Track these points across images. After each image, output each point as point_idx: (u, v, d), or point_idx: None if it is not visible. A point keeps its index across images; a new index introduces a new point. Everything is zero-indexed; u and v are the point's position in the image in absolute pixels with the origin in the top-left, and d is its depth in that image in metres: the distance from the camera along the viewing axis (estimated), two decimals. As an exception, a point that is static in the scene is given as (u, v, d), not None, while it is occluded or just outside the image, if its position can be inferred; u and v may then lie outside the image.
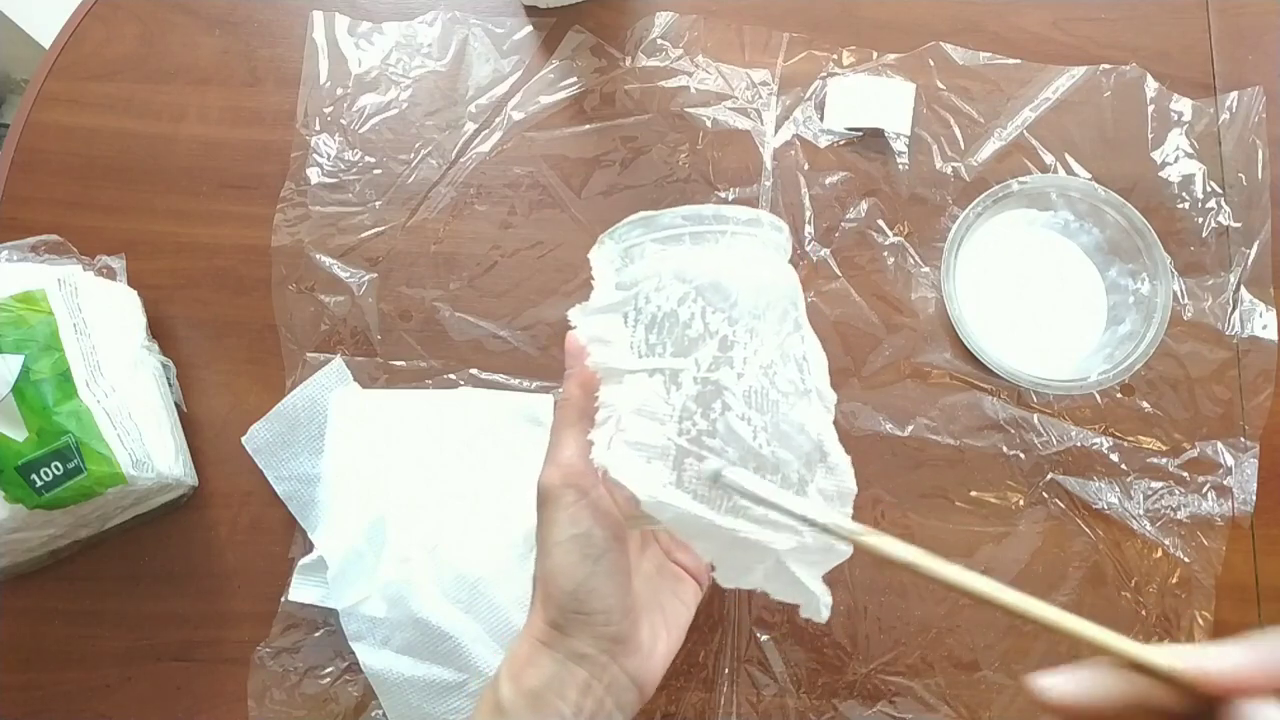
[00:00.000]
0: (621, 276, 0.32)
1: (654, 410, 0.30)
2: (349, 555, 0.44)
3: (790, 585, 0.32)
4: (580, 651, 0.32)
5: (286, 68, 0.53)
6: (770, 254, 0.34)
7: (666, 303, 0.31)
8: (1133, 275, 0.48)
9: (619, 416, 0.31)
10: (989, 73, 0.53)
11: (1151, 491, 0.47)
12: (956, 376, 0.49)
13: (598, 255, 0.34)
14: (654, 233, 0.32)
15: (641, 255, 0.32)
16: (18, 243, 0.47)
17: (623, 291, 0.32)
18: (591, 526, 0.32)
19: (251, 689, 0.45)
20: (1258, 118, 0.51)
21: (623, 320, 0.32)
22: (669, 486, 0.30)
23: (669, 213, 0.32)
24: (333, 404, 0.47)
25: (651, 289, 0.31)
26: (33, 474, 0.39)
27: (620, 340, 0.32)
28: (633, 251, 0.33)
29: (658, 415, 0.30)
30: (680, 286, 0.31)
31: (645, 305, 0.31)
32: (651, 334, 0.31)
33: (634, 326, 0.32)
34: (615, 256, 0.33)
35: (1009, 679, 0.45)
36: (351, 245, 0.51)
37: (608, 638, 0.32)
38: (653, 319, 0.31)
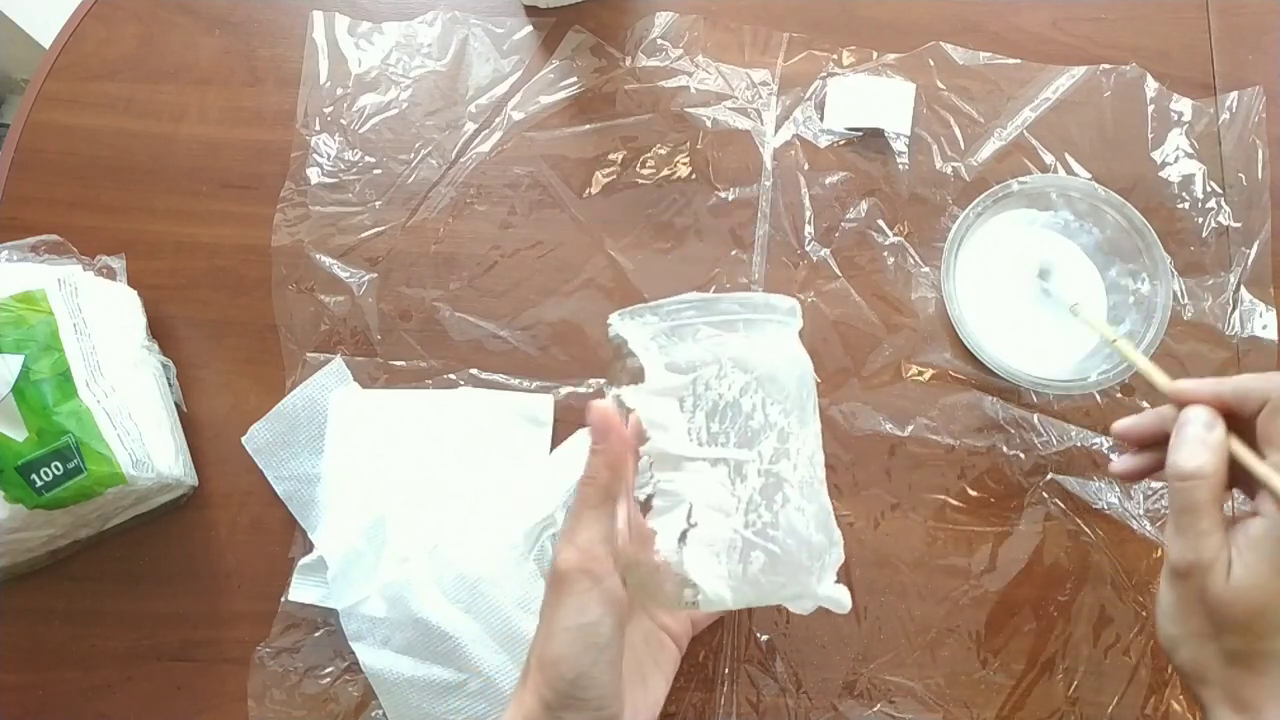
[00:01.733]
0: (673, 357, 0.32)
1: (721, 502, 0.31)
2: (349, 555, 0.44)
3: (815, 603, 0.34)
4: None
5: (286, 68, 0.53)
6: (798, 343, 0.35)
7: (729, 391, 0.32)
8: (1133, 275, 0.48)
9: (688, 508, 0.31)
10: (989, 73, 0.53)
11: (1151, 491, 0.47)
12: (956, 376, 0.49)
13: (637, 329, 0.33)
14: (709, 316, 0.32)
15: (694, 337, 0.32)
16: (18, 243, 0.47)
17: (678, 375, 0.32)
18: (601, 616, 0.31)
19: (251, 689, 0.45)
20: (1258, 118, 0.51)
21: (678, 405, 0.32)
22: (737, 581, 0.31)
23: (725, 298, 0.33)
24: (333, 404, 0.47)
25: (713, 376, 0.31)
26: (33, 474, 0.39)
27: (677, 425, 0.31)
28: (683, 331, 0.32)
29: (724, 507, 0.31)
30: (742, 376, 0.32)
31: (705, 392, 0.31)
32: (713, 422, 0.31)
33: (693, 412, 0.31)
34: (659, 333, 0.33)
35: (1009, 679, 0.45)
36: (351, 245, 0.51)
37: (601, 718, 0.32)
38: (714, 406, 0.31)
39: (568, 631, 0.31)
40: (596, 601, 0.31)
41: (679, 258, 0.51)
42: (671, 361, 0.32)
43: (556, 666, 0.31)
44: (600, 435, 0.32)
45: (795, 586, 0.32)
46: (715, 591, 0.31)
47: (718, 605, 0.31)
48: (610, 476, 0.32)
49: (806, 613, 0.34)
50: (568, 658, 0.31)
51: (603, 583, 0.31)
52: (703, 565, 0.31)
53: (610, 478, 0.32)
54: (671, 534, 0.31)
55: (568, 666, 0.31)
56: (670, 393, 0.32)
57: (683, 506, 0.31)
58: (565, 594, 0.31)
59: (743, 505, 0.31)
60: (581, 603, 0.31)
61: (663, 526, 0.31)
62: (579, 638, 0.31)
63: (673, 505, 0.31)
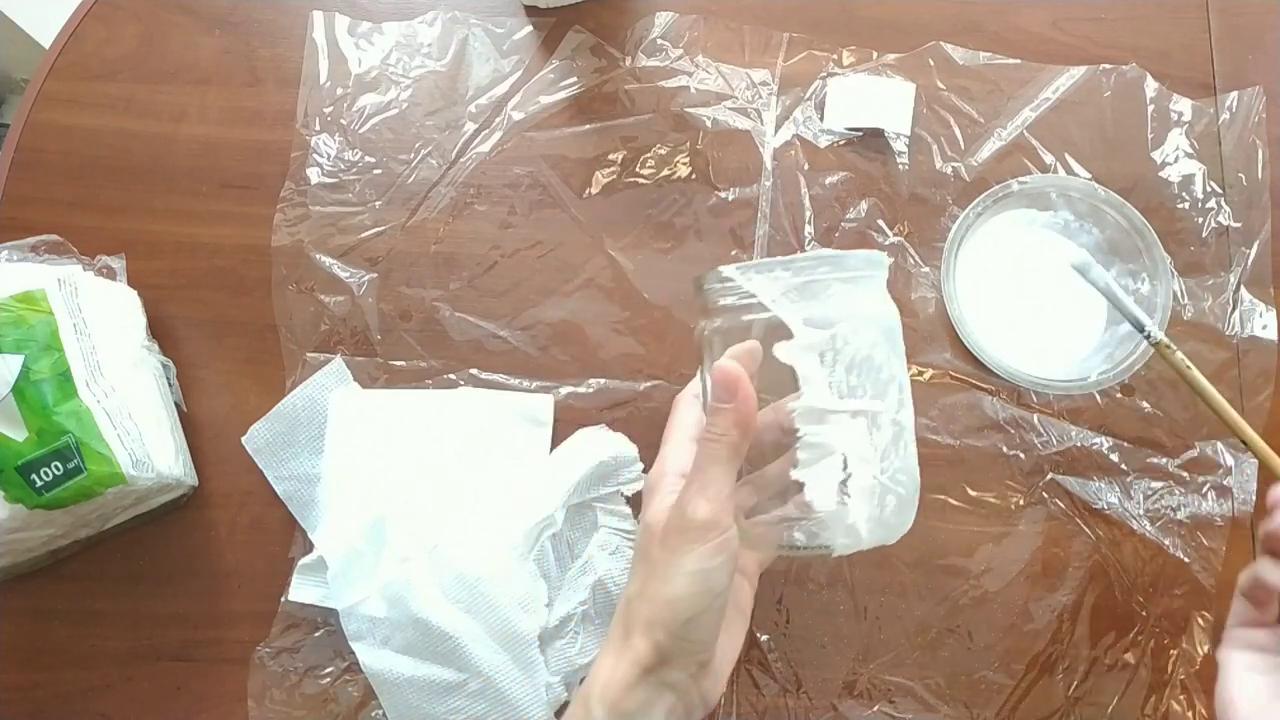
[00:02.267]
0: (810, 312, 0.33)
1: (864, 452, 0.32)
2: (349, 555, 0.44)
3: None
4: (673, 678, 0.34)
5: (286, 68, 0.53)
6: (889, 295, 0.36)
7: (864, 346, 0.32)
8: (1133, 275, 0.48)
9: (841, 458, 0.32)
10: (989, 73, 0.53)
11: (1151, 491, 0.47)
12: (956, 376, 0.49)
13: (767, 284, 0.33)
14: (840, 272, 0.33)
15: (826, 293, 0.33)
16: (18, 243, 0.47)
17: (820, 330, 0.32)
18: (723, 563, 0.33)
19: (251, 689, 0.45)
20: (1258, 118, 0.51)
21: (818, 359, 0.32)
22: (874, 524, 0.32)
23: (849, 255, 0.33)
24: (333, 404, 0.47)
25: (850, 331, 0.32)
26: (33, 474, 0.39)
27: (820, 379, 0.32)
28: (813, 287, 0.33)
29: (867, 456, 0.32)
30: (873, 330, 0.33)
31: (844, 346, 0.32)
32: (852, 375, 0.32)
33: (833, 366, 0.32)
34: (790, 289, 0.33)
35: (1009, 679, 0.45)
36: (351, 245, 0.51)
37: (699, 664, 0.34)
38: (852, 361, 0.32)
39: (691, 575, 0.32)
40: (720, 549, 0.32)
41: (679, 258, 0.51)
42: (809, 317, 0.32)
43: (673, 606, 0.33)
44: (729, 394, 0.32)
45: (908, 524, 0.34)
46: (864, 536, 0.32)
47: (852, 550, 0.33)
48: (740, 435, 0.33)
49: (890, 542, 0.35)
50: (686, 598, 0.33)
51: (728, 533, 0.33)
52: (860, 513, 0.32)
53: (740, 435, 0.33)
54: (828, 485, 0.32)
55: (685, 607, 0.33)
56: (813, 348, 0.32)
57: (834, 458, 0.32)
58: (695, 541, 0.33)
59: (878, 453, 0.32)
60: (710, 550, 0.32)
61: (813, 477, 0.32)
62: (700, 580, 0.32)
63: (821, 457, 0.32)
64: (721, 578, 0.33)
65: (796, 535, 0.33)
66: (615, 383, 0.49)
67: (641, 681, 0.33)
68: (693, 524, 0.33)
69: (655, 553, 0.34)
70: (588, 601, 0.45)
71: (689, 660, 0.34)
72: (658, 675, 0.34)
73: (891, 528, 0.33)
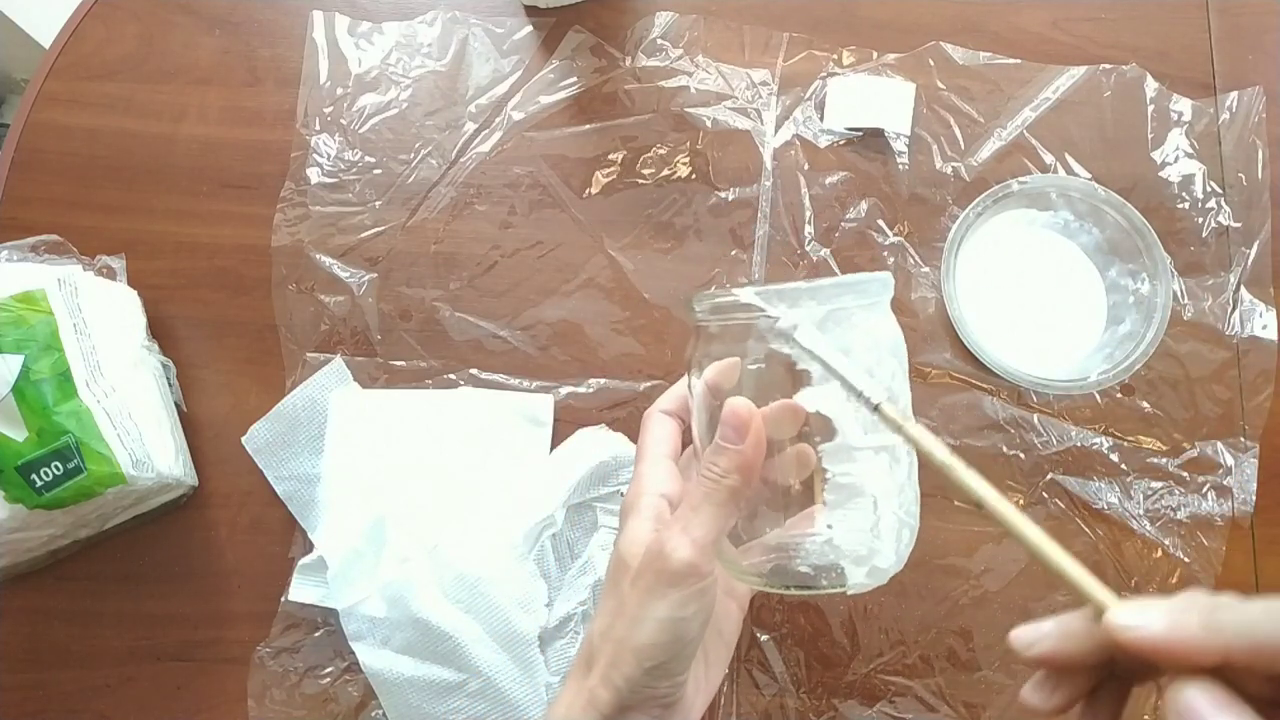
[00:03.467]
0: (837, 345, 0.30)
1: (888, 489, 0.31)
2: (349, 555, 0.44)
3: None
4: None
5: (286, 68, 0.53)
6: None
7: (886, 377, 0.31)
8: (1133, 275, 0.48)
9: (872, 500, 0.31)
10: (989, 73, 0.52)
11: (1151, 491, 0.47)
12: (956, 376, 0.49)
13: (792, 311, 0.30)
14: (863, 300, 0.31)
15: (848, 321, 0.31)
16: (18, 243, 0.47)
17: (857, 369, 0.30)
18: (696, 613, 0.31)
19: (251, 689, 0.45)
20: (1258, 118, 0.51)
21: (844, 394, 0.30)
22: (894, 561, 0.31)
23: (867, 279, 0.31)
24: (333, 404, 0.47)
25: (874, 363, 0.30)
26: (33, 474, 0.39)
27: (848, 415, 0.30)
28: (838, 315, 0.31)
29: (889, 493, 0.31)
30: (892, 361, 0.31)
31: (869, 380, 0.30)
32: None
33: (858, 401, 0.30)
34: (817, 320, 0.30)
35: (1009, 679, 0.45)
36: (351, 245, 0.51)
37: (663, 707, 0.32)
38: None
39: (660, 622, 0.30)
40: (696, 598, 0.30)
41: (679, 258, 0.51)
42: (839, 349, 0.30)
43: (638, 654, 0.30)
44: (738, 435, 0.30)
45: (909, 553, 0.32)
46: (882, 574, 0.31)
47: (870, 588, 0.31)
48: (741, 481, 0.30)
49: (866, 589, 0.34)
50: (653, 647, 0.30)
51: (705, 580, 0.31)
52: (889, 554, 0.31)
53: (741, 481, 0.30)
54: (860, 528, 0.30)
55: (649, 656, 0.30)
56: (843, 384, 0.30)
57: (865, 499, 0.30)
58: (669, 586, 0.30)
59: (898, 487, 0.31)
60: (684, 597, 0.30)
61: (842, 520, 0.30)
62: (670, 629, 0.30)
63: (850, 497, 0.30)
64: (694, 627, 0.31)
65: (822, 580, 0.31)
66: (615, 383, 0.49)
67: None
68: (670, 566, 0.30)
69: (625, 588, 0.32)
70: (588, 601, 0.45)
71: (652, 705, 0.31)
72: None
73: (903, 560, 0.32)
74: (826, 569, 0.31)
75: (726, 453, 0.30)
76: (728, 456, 0.30)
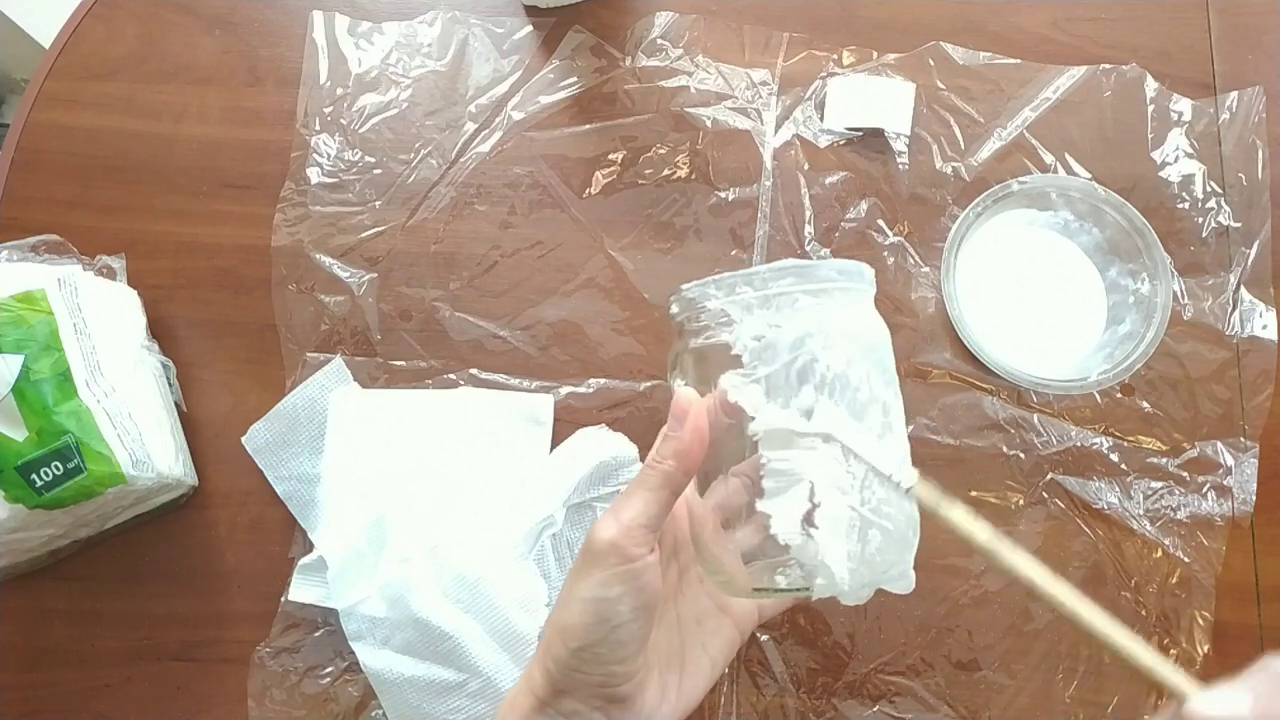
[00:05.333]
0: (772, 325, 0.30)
1: (838, 480, 0.29)
2: (349, 555, 0.44)
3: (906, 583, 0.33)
4: (572, 709, 0.31)
5: (286, 68, 0.53)
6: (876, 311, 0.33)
7: (836, 363, 0.29)
8: (1133, 275, 0.48)
9: (809, 487, 0.29)
10: (989, 73, 0.53)
11: (1151, 491, 0.47)
12: (956, 376, 0.49)
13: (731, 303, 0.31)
14: (809, 284, 0.30)
15: (792, 306, 0.30)
16: (18, 243, 0.47)
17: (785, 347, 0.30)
18: (622, 595, 0.30)
19: (251, 689, 0.45)
20: (1258, 117, 0.51)
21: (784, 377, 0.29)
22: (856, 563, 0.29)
23: (822, 265, 0.31)
24: (332, 404, 0.47)
25: (819, 347, 0.29)
26: (33, 474, 0.39)
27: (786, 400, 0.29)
28: (779, 300, 0.30)
29: (841, 485, 0.29)
30: (848, 346, 0.30)
31: (812, 364, 0.29)
32: (822, 395, 0.29)
33: (799, 385, 0.29)
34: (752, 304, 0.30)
35: (1009, 679, 0.45)
36: (351, 245, 0.51)
37: (604, 698, 0.31)
38: (823, 379, 0.29)
39: (583, 602, 0.31)
40: (621, 580, 0.30)
41: (679, 258, 0.51)
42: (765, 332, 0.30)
43: (564, 634, 0.31)
44: (678, 421, 0.30)
45: (900, 564, 0.31)
46: (839, 575, 0.29)
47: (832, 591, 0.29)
48: (677, 466, 0.31)
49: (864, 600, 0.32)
50: (577, 627, 0.31)
51: (633, 563, 0.30)
52: (832, 548, 0.29)
53: (677, 468, 0.31)
54: (793, 516, 0.29)
55: (574, 636, 0.31)
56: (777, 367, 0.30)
57: (802, 486, 0.29)
58: (592, 566, 0.31)
59: (858, 482, 0.29)
60: (606, 577, 0.30)
61: (779, 509, 0.29)
62: (593, 610, 0.30)
63: (789, 485, 0.29)
64: (620, 609, 0.30)
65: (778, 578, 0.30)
66: (615, 383, 0.49)
67: (539, 713, 0.32)
68: (594, 547, 0.31)
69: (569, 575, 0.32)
70: (588, 601, 0.45)
71: (587, 692, 0.31)
72: (554, 706, 0.31)
73: (877, 568, 0.30)
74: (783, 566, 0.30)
75: (667, 439, 0.31)
76: (667, 443, 0.31)
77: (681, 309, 0.32)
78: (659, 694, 0.33)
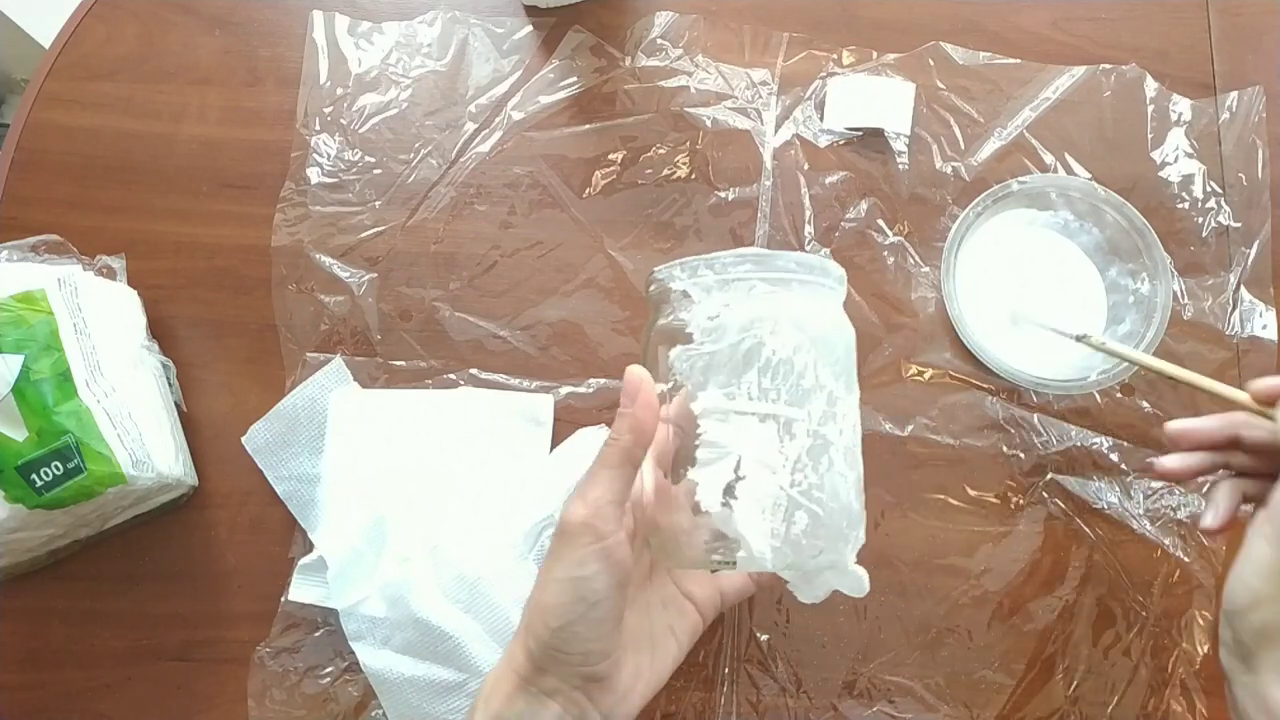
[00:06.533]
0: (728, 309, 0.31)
1: (768, 458, 0.30)
2: (349, 555, 0.44)
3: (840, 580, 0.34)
4: (553, 687, 0.32)
5: (286, 68, 0.53)
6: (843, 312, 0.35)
7: (783, 348, 0.31)
8: (1132, 275, 0.48)
9: (735, 460, 0.30)
10: (989, 72, 0.53)
11: (1151, 491, 0.47)
12: (956, 376, 0.49)
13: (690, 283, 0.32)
14: (764, 272, 0.31)
15: (748, 292, 0.31)
16: (18, 243, 0.47)
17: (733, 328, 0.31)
18: (596, 572, 0.31)
19: (251, 689, 0.45)
20: (1258, 117, 0.51)
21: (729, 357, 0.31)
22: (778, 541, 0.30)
23: (781, 255, 0.32)
24: (332, 404, 0.47)
25: (767, 331, 0.31)
26: (33, 474, 0.39)
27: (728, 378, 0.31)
28: (736, 285, 0.32)
29: (771, 464, 0.30)
30: (796, 334, 0.31)
31: (758, 346, 0.31)
32: (765, 378, 0.31)
33: (745, 366, 0.31)
34: (711, 286, 0.32)
35: (1009, 679, 0.45)
36: (351, 245, 0.51)
37: (583, 677, 0.32)
38: (767, 362, 0.31)
39: (560, 582, 0.31)
40: (595, 558, 0.31)
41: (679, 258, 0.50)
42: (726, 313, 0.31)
43: (543, 615, 0.32)
44: (629, 398, 0.32)
45: (832, 553, 0.31)
46: (758, 549, 0.30)
47: (754, 566, 0.30)
48: (633, 441, 0.32)
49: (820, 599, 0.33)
50: (555, 607, 0.31)
51: (605, 540, 0.31)
52: (749, 520, 0.30)
53: (632, 442, 0.32)
54: (716, 486, 0.30)
55: (553, 616, 0.31)
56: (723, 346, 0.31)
57: (729, 458, 0.30)
58: (566, 546, 0.32)
59: (789, 464, 0.30)
60: (580, 556, 0.31)
61: (707, 478, 0.30)
62: (570, 589, 0.31)
63: (719, 457, 0.30)
64: (596, 587, 0.31)
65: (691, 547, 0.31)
66: (615, 383, 0.49)
67: (521, 690, 0.32)
68: (566, 529, 0.32)
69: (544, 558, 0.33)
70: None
71: (566, 670, 0.32)
72: (536, 684, 0.32)
73: (803, 551, 0.31)
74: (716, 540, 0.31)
75: (620, 416, 0.32)
76: (620, 419, 0.32)
77: (654, 290, 0.34)
78: (633, 674, 0.34)
